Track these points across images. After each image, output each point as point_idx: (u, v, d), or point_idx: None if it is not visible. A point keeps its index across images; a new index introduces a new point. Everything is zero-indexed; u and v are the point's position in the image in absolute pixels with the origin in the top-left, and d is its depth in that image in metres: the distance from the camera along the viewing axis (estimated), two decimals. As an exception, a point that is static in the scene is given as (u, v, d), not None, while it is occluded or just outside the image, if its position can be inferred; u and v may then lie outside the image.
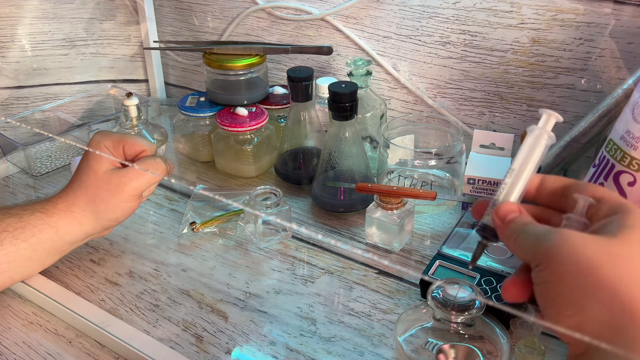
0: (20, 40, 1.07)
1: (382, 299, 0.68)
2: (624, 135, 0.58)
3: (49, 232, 0.64)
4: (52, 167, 0.98)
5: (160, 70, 1.19)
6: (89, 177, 0.66)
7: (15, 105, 1.10)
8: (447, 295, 0.55)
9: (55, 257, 0.68)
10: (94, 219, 0.67)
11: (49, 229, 0.64)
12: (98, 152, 0.64)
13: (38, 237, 0.64)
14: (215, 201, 0.83)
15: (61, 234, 0.65)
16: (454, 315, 0.54)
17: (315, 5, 0.97)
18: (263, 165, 0.94)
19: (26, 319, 0.68)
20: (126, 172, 0.67)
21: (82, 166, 0.68)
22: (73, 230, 0.66)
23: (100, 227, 0.68)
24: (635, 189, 0.58)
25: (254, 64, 0.93)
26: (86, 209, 0.66)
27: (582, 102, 0.80)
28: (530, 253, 0.42)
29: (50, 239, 0.65)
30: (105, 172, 0.66)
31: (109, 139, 0.69)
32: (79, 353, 0.63)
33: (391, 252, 0.76)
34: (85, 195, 0.66)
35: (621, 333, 0.37)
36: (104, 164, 0.66)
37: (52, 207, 0.66)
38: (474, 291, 0.56)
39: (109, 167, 0.67)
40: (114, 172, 0.67)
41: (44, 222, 0.64)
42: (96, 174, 0.66)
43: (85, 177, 0.66)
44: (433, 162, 0.83)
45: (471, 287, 0.56)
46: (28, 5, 1.06)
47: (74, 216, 0.66)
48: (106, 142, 0.68)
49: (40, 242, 0.64)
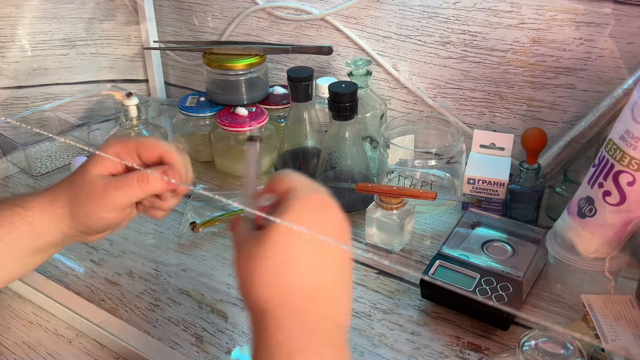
0: (20, 40, 1.07)
1: (382, 299, 0.68)
2: (623, 135, 0.58)
3: (24, 229, 0.60)
4: (52, 167, 0.98)
5: (160, 70, 1.19)
6: (78, 178, 0.63)
7: (15, 105, 1.10)
8: (541, 351, 0.48)
9: (32, 260, 0.62)
10: (71, 219, 0.61)
11: (25, 225, 0.60)
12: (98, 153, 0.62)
13: (14, 234, 0.59)
14: (215, 201, 0.83)
15: (37, 232, 0.61)
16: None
17: (315, 5, 0.97)
18: (263, 165, 0.94)
19: (26, 319, 0.68)
20: (115, 181, 0.60)
21: (79, 167, 0.65)
22: (49, 227, 0.61)
23: (76, 230, 0.62)
24: (635, 188, 0.58)
25: (254, 64, 0.93)
26: (65, 207, 0.61)
27: (582, 102, 0.80)
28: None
29: (26, 238, 0.60)
30: (95, 176, 0.61)
31: (120, 143, 0.63)
32: (79, 353, 0.63)
33: (391, 252, 0.76)
34: (69, 193, 0.61)
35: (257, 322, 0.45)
36: (100, 168, 0.61)
37: (32, 201, 0.62)
38: (573, 346, 0.48)
39: (103, 172, 0.61)
40: (104, 177, 0.61)
41: (19, 217, 0.60)
42: (86, 176, 0.62)
43: (76, 177, 0.63)
44: (433, 162, 0.83)
45: (570, 342, 0.49)
46: (28, 5, 1.06)
47: (53, 212, 0.61)
48: (116, 147, 0.62)
49: (16, 240, 0.60)
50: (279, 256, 0.45)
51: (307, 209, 0.47)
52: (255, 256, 0.45)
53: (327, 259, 0.47)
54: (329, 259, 0.47)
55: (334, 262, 0.47)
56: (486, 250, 0.70)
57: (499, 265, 0.66)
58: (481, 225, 0.74)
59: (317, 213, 0.47)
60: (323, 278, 0.46)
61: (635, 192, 0.58)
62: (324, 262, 0.46)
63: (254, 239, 0.46)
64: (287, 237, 0.45)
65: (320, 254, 0.46)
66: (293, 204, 0.46)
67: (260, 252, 0.45)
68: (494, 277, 0.64)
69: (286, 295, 0.44)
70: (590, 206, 0.62)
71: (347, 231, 0.49)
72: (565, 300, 0.67)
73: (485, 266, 0.66)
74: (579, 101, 0.80)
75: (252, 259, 0.45)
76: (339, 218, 0.48)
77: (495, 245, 0.70)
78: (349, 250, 0.49)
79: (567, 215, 0.65)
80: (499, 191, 0.78)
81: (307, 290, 0.45)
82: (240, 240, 0.47)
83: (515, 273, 0.65)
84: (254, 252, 0.45)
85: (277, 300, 0.44)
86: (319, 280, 0.46)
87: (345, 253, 0.48)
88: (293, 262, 0.45)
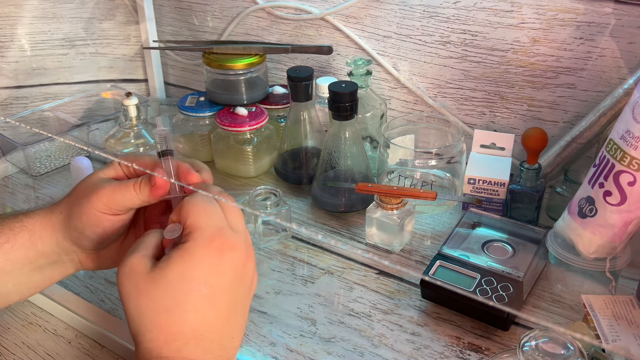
0: (20, 40, 1.07)
1: (382, 300, 0.68)
2: (624, 135, 0.58)
3: (23, 237, 0.58)
4: (51, 167, 0.98)
5: (159, 70, 1.19)
6: (84, 179, 0.62)
7: (15, 105, 1.10)
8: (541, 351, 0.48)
9: (30, 275, 0.60)
10: (64, 225, 0.59)
11: (24, 232, 0.58)
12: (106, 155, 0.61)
13: (13, 242, 0.58)
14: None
15: (34, 240, 0.59)
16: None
17: (315, 5, 0.97)
18: (263, 165, 0.94)
19: (25, 319, 0.68)
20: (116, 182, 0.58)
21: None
22: (45, 234, 0.59)
23: (70, 236, 0.59)
24: (635, 188, 0.58)
25: (253, 63, 0.93)
26: (63, 211, 0.59)
27: (582, 101, 0.80)
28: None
29: (23, 246, 0.58)
30: (98, 178, 0.59)
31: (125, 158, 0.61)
32: (79, 353, 0.63)
33: (391, 252, 0.76)
34: (70, 197, 0.60)
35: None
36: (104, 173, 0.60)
37: (37, 209, 0.61)
38: (573, 347, 0.48)
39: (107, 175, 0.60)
40: (106, 179, 0.59)
41: (21, 224, 0.59)
42: (89, 178, 0.60)
43: (82, 181, 0.63)
44: (433, 162, 0.83)
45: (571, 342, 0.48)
46: (27, 5, 1.06)
47: (50, 218, 0.60)
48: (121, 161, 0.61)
49: (14, 249, 0.58)
50: (165, 299, 0.46)
51: (202, 254, 0.48)
52: (143, 293, 0.47)
53: (218, 303, 0.48)
54: (222, 303, 0.48)
55: (225, 304, 0.49)
56: (486, 250, 0.70)
57: (499, 265, 0.66)
58: (481, 225, 0.74)
59: (212, 259, 0.48)
60: (210, 320, 0.48)
61: (635, 192, 0.58)
62: (213, 306, 0.48)
63: (146, 274, 0.47)
64: (177, 279, 0.47)
65: (210, 299, 0.48)
66: (189, 246, 0.48)
67: (148, 290, 0.47)
68: (495, 277, 0.64)
69: (170, 337, 0.46)
70: (590, 206, 0.62)
71: (249, 273, 0.51)
72: (566, 300, 0.67)
73: (485, 266, 0.66)
74: (579, 101, 0.80)
75: (141, 294, 0.47)
76: (236, 262, 0.49)
77: (496, 246, 0.70)
78: (247, 294, 0.52)
79: (568, 215, 0.65)
80: (500, 191, 0.78)
81: (190, 333, 0.47)
82: (132, 270, 0.48)
83: (515, 273, 0.65)
84: (142, 288, 0.47)
85: (162, 342, 0.46)
86: (203, 324, 0.47)
87: (241, 296, 0.50)
88: (177, 306, 0.46)
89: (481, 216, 0.75)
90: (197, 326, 0.47)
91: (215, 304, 0.48)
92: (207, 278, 0.47)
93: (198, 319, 0.47)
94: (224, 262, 0.48)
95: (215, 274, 0.48)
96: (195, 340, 0.47)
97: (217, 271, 0.48)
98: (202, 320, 0.47)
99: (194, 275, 0.47)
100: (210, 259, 0.48)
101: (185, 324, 0.47)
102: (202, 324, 0.47)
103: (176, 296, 0.47)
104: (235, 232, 0.50)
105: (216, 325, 0.48)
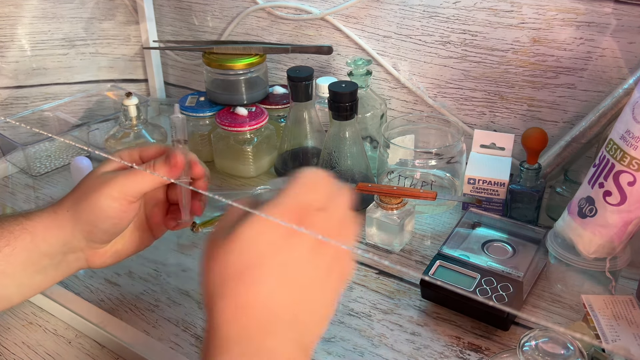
0: (20, 40, 1.07)
1: (382, 299, 0.68)
2: (624, 134, 0.58)
3: (25, 240, 0.58)
4: (51, 167, 0.98)
5: (160, 70, 1.19)
6: (85, 178, 0.63)
7: (15, 105, 1.10)
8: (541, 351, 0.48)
9: (32, 276, 0.59)
10: (74, 222, 0.59)
11: (25, 234, 0.58)
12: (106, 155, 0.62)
13: (13, 245, 0.57)
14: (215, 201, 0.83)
15: (36, 242, 0.58)
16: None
17: (315, 5, 0.97)
18: (263, 165, 0.94)
19: (25, 319, 0.68)
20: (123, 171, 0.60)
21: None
22: (50, 235, 0.59)
23: (80, 235, 0.59)
24: (635, 188, 0.58)
25: (253, 63, 0.93)
26: (69, 210, 0.59)
27: (582, 101, 0.80)
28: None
29: (25, 249, 0.58)
30: (101, 172, 0.61)
31: (126, 151, 0.64)
32: (79, 353, 0.63)
33: (391, 252, 0.76)
34: (74, 194, 0.60)
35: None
36: (107, 167, 0.61)
37: (37, 211, 0.60)
38: (573, 347, 0.48)
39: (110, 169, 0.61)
40: (112, 172, 0.61)
41: (22, 226, 0.58)
42: (92, 174, 0.62)
43: (83, 179, 0.63)
44: (433, 162, 0.83)
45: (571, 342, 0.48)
46: (27, 5, 1.06)
47: (56, 218, 0.59)
48: (122, 154, 0.63)
49: (15, 253, 0.57)
50: (243, 260, 0.41)
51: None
52: (218, 254, 0.41)
53: (308, 273, 0.42)
54: (311, 272, 0.42)
55: (317, 280, 0.42)
56: (486, 250, 0.70)
57: (499, 265, 0.66)
58: (481, 225, 0.74)
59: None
60: (294, 297, 0.42)
61: (635, 192, 0.58)
62: (300, 278, 0.41)
63: (226, 231, 0.43)
64: (261, 233, 0.43)
65: (298, 264, 0.42)
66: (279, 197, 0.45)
67: (225, 248, 0.41)
68: (495, 277, 0.64)
69: (241, 310, 0.40)
70: (590, 206, 0.62)
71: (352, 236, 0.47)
72: (566, 300, 0.67)
73: (485, 266, 0.66)
74: (579, 101, 0.80)
75: (216, 255, 0.42)
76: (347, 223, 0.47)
77: (496, 246, 0.70)
78: (345, 272, 0.45)
79: (568, 215, 0.65)
80: (500, 191, 0.78)
81: (266, 310, 0.40)
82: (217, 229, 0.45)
83: (515, 273, 0.65)
84: (220, 246, 0.42)
85: (231, 316, 0.40)
86: (285, 300, 0.41)
87: (339, 275, 0.45)
88: (253, 271, 0.40)
89: (481, 216, 0.75)
90: (277, 300, 0.41)
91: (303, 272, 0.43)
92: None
93: (278, 294, 0.41)
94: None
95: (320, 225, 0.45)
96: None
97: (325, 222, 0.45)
98: (286, 295, 0.42)
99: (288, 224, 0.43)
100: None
101: (261, 295, 0.41)
102: (284, 298, 0.42)
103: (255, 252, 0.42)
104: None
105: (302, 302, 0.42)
